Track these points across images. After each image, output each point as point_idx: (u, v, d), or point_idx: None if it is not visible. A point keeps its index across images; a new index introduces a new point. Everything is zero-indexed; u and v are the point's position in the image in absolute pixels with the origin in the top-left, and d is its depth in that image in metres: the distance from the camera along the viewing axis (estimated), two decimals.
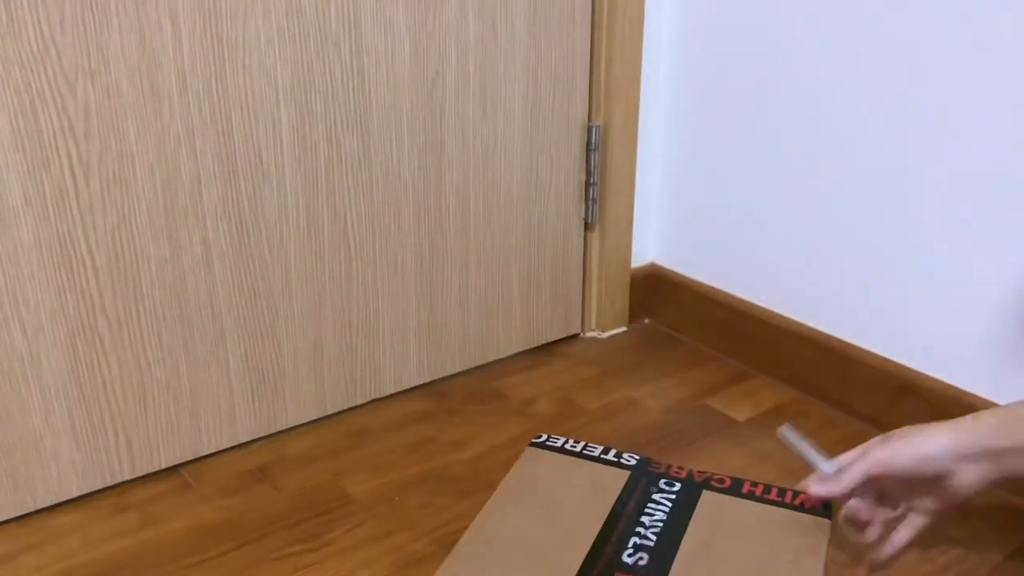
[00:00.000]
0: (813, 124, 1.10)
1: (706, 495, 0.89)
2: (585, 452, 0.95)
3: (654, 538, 0.83)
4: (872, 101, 1.02)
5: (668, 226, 1.35)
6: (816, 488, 0.80)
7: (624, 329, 1.37)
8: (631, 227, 1.32)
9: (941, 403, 1.00)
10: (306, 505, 0.95)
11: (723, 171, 1.24)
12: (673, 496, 0.89)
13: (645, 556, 0.81)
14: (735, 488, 0.91)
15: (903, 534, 0.79)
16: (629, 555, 0.81)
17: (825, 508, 0.87)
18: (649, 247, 1.37)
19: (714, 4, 1.19)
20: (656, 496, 0.89)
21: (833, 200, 1.10)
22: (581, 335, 1.35)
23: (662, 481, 0.92)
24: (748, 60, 1.16)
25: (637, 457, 0.95)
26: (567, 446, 0.96)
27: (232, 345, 1.01)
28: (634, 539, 0.83)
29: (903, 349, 1.06)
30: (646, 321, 1.40)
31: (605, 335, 1.35)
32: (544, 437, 0.98)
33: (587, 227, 1.29)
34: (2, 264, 0.84)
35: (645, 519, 0.85)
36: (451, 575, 0.79)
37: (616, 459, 0.94)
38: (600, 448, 0.96)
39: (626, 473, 0.92)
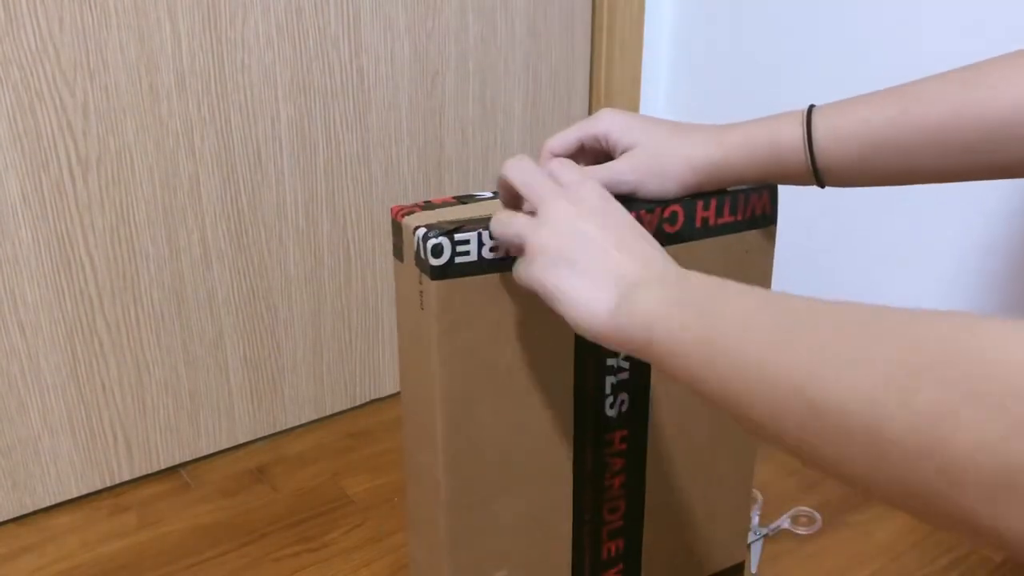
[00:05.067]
0: None
1: None
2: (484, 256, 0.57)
3: (627, 363, 0.65)
4: None
5: None
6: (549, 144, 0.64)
7: None
8: None
9: None
10: (306, 505, 0.94)
11: None
12: None
13: (625, 397, 0.66)
14: (687, 226, 0.65)
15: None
16: (611, 404, 0.66)
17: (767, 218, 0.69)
18: None
19: (714, 4, 1.18)
20: None
21: (834, 201, 1.09)
22: None
23: None
24: (748, 60, 1.16)
25: None
26: (458, 257, 0.56)
27: (231, 346, 1.01)
28: (609, 377, 0.65)
29: None
30: None
31: None
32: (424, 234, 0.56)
33: None
34: (0, 264, 0.84)
35: None
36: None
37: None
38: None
39: None
